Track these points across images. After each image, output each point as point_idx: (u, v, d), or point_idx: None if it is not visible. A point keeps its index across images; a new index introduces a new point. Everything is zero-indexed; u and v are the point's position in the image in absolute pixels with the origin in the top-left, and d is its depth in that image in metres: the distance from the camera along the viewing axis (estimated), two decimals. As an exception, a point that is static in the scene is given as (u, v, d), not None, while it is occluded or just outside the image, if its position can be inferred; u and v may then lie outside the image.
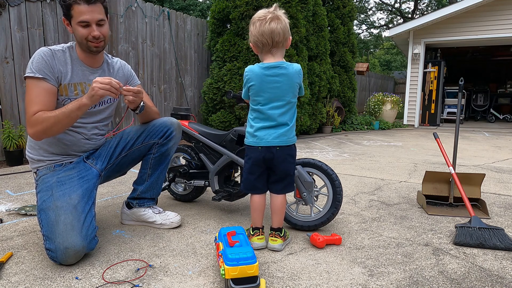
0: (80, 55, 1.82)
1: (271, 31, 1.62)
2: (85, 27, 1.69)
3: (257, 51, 1.72)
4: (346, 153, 5.00)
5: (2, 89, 3.85)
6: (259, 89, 1.67)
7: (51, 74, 1.70)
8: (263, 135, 1.69)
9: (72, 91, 1.79)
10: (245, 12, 5.64)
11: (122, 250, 1.73)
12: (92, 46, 1.75)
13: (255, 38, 1.66)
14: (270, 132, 1.68)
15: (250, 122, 1.74)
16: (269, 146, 1.69)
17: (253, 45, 1.70)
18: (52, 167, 1.82)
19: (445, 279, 1.49)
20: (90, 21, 1.68)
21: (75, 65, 1.81)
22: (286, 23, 1.66)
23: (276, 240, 1.74)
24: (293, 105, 1.73)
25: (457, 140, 2.47)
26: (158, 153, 2.00)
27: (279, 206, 1.77)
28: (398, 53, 27.37)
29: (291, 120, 1.72)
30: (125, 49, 5.12)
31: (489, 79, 13.51)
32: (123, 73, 2.03)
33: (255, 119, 1.72)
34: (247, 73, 1.70)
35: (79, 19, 1.67)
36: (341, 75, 8.33)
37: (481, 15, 8.76)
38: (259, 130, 1.69)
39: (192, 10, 16.00)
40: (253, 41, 1.69)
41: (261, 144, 1.69)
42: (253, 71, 1.68)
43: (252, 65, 1.70)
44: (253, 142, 1.71)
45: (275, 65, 1.66)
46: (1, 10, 3.76)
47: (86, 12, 1.66)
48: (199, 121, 6.48)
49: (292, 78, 1.67)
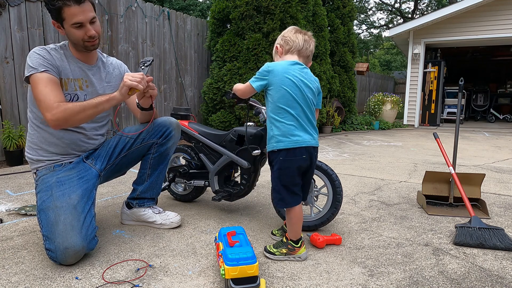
0: (75, 54, 1.82)
1: (305, 39, 1.69)
2: (79, 28, 1.68)
3: (283, 51, 1.71)
4: (346, 153, 5.00)
5: (2, 89, 3.85)
6: (283, 82, 1.63)
7: (51, 66, 1.70)
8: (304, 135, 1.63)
9: (72, 87, 1.79)
10: (245, 12, 5.64)
11: (122, 250, 1.73)
12: (89, 45, 1.75)
13: (288, 38, 1.68)
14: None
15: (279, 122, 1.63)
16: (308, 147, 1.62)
17: (283, 44, 1.71)
18: (52, 167, 1.82)
19: (445, 279, 1.49)
20: (84, 22, 1.67)
21: (71, 62, 1.81)
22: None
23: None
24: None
25: (457, 140, 2.47)
26: (157, 153, 2.00)
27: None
28: (398, 53, 27.37)
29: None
30: (125, 49, 5.12)
31: (489, 79, 13.51)
32: (119, 71, 2.02)
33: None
34: (269, 64, 1.66)
35: (73, 21, 1.65)
36: (341, 75, 8.33)
37: (481, 15, 8.76)
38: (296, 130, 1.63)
39: (192, 10, 16.00)
40: (284, 41, 1.70)
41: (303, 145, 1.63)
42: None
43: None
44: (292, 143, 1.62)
45: (300, 62, 1.68)
46: (1, 10, 3.76)
47: (79, 13, 1.64)
48: (199, 121, 6.48)
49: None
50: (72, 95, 1.78)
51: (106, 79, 1.94)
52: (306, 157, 1.61)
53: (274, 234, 1.91)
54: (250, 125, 2.14)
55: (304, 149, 1.60)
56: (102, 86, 1.91)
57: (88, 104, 1.67)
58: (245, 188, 2.16)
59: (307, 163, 1.63)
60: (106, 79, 1.94)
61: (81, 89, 1.82)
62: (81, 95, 1.82)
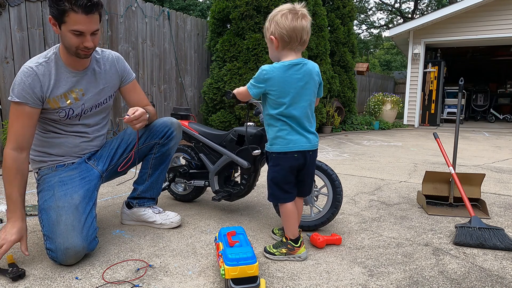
0: (66, 60, 1.72)
1: (302, 27, 1.54)
2: (78, 36, 1.58)
3: (279, 46, 1.58)
4: (346, 153, 5.00)
5: (2, 89, 3.85)
6: (283, 90, 1.56)
7: (30, 96, 1.62)
8: (296, 139, 1.59)
9: (64, 102, 1.73)
10: (245, 12, 5.64)
11: (122, 250, 1.73)
12: (82, 54, 1.65)
13: (285, 32, 1.53)
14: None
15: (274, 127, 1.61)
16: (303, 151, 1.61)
17: (278, 39, 1.56)
18: (54, 167, 1.82)
19: (445, 279, 1.49)
20: (85, 32, 1.57)
21: (62, 73, 1.72)
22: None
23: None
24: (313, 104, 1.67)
25: (457, 140, 2.47)
26: (159, 153, 2.00)
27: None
28: (398, 53, 27.37)
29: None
30: (125, 49, 5.12)
31: (489, 79, 13.50)
32: (116, 69, 1.92)
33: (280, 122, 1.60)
34: (266, 71, 1.55)
35: (74, 27, 1.55)
36: (341, 75, 8.33)
37: (481, 15, 8.76)
38: (289, 134, 1.59)
39: (192, 10, 16.01)
40: (279, 34, 1.54)
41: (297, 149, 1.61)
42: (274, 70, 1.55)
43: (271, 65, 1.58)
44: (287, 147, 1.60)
45: (297, 62, 1.58)
46: (1, 10, 3.76)
47: (83, 22, 1.54)
48: (199, 121, 6.48)
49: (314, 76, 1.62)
50: (66, 110, 1.74)
51: (102, 82, 1.86)
52: (299, 157, 1.60)
53: (275, 233, 1.91)
54: (250, 125, 2.14)
55: (298, 152, 1.60)
56: (99, 88, 1.85)
57: (5, 182, 1.60)
58: (245, 188, 2.16)
59: (300, 162, 1.62)
60: (102, 81, 1.86)
61: (77, 100, 1.77)
62: (76, 108, 1.77)
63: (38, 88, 1.64)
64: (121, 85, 1.98)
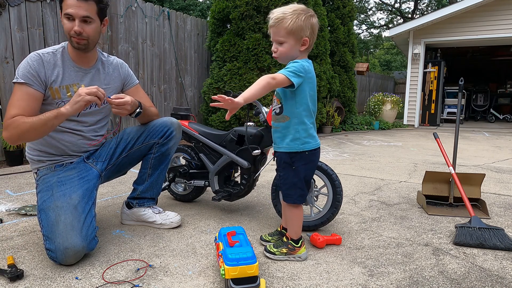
0: (72, 55, 1.80)
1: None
2: (69, 20, 1.68)
3: (308, 47, 1.58)
4: (346, 153, 5.00)
5: (2, 89, 3.85)
6: (313, 85, 1.61)
7: (35, 79, 1.68)
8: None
9: (65, 93, 1.77)
10: (245, 12, 5.64)
11: (122, 250, 1.73)
12: (74, 41, 1.72)
13: (314, 34, 1.57)
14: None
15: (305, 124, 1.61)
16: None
17: (311, 40, 1.57)
18: (53, 167, 1.82)
19: (445, 279, 1.49)
20: (74, 16, 1.66)
21: (67, 66, 1.79)
22: None
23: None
24: None
25: (457, 140, 2.47)
26: (158, 153, 2.00)
27: None
28: (398, 53, 27.36)
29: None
30: (125, 49, 5.12)
31: (489, 79, 13.50)
32: (119, 73, 2.00)
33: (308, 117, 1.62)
34: (304, 63, 1.53)
35: (65, 11, 1.67)
36: (341, 75, 8.33)
37: (481, 15, 8.76)
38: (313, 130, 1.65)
39: (192, 10, 16.01)
40: (311, 35, 1.56)
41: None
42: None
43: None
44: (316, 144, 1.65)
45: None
46: (1, 10, 3.75)
47: (73, 6, 1.65)
48: (199, 121, 6.48)
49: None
50: (66, 102, 1.75)
51: (105, 82, 1.92)
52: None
53: (265, 239, 1.82)
54: (250, 125, 2.14)
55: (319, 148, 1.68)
56: (100, 88, 1.88)
57: (38, 121, 1.61)
58: (245, 188, 2.16)
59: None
60: (105, 81, 1.92)
61: None
62: None
63: (42, 73, 1.71)
64: (124, 89, 2.03)
